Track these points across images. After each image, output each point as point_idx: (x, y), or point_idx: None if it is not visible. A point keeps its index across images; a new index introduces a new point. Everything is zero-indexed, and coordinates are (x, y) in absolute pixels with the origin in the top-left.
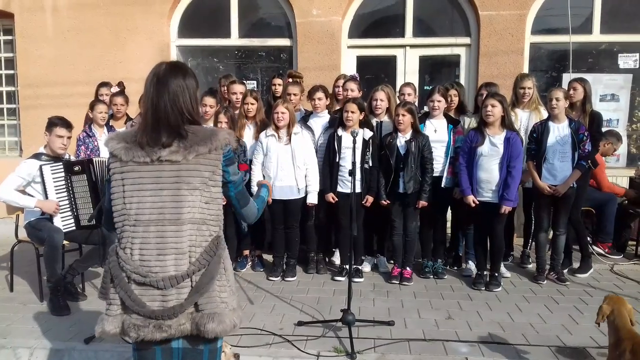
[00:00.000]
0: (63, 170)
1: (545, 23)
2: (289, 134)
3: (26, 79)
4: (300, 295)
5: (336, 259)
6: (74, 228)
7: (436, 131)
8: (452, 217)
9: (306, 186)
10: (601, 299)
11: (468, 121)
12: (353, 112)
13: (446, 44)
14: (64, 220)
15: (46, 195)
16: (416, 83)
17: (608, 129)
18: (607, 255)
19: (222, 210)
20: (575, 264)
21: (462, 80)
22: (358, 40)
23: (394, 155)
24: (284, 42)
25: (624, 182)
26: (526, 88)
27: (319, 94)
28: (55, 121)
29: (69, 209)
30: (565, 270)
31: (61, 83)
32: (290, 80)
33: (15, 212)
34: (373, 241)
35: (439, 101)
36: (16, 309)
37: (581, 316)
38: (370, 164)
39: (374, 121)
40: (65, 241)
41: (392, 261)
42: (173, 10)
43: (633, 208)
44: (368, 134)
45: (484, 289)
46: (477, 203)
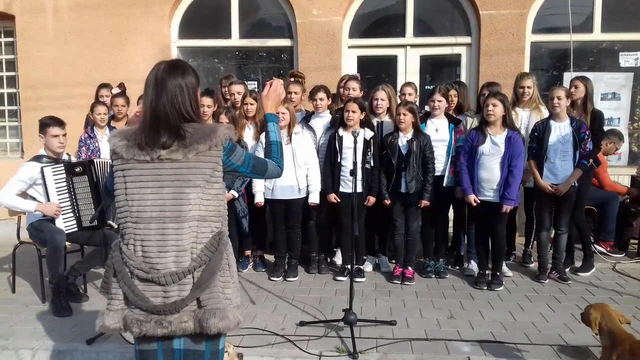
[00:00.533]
0: (64, 171)
1: (545, 22)
2: (290, 134)
3: (27, 81)
4: (302, 295)
5: (338, 259)
6: (76, 229)
7: (437, 130)
8: (454, 217)
9: (307, 186)
10: (603, 298)
11: (470, 121)
12: (354, 112)
13: (447, 43)
14: (66, 222)
15: (48, 196)
16: (417, 83)
17: (610, 127)
18: (609, 254)
19: (225, 206)
20: (577, 263)
21: (463, 79)
22: (359, 40)
23: (396, 154)
24: (285, 43)
25: (626, 181)
26: (526, 87)
27: (321, 94)
28: (47, 121)
29: (70, 210)
30: (567, 269)
31: (62, 84)
32: (292, 80)
33: (17, 214)
34: (375, 241)
35: (439, 101)
36: (18, 310)
37: None
38: (372, 164)
39: (375, 121)
40: (67, 242)
41: (394, 261)
42: (174, 11)
43: (635, 207)
44: (369, 134)
45: (485, 288)
46: (478, 202)
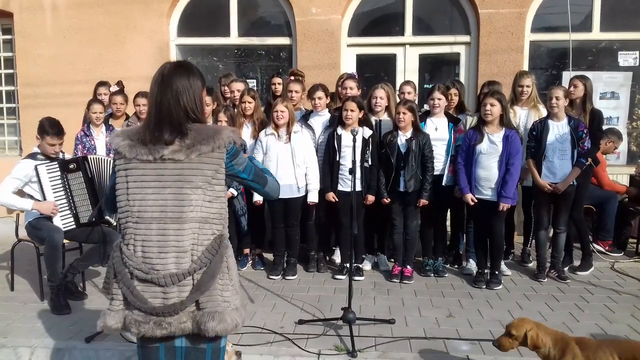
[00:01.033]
0: (59, 169)
1: (545, 21)
2: (289, 133)
3: (25, 78)
4: (300, 294)
5: (337, 258)
6: (74, 226)
7: (437, 129)
8: (453, 216)
9: (306, 185)
10: (602, 297)
11: (470, 120)
12: (352, 111)
13: (446, 42)
14: (64, 219)
15: (43, 194)
16: (416, 81)
17: (608, 126)
18: (608, 253)
19: (227, 209)
20: (576, 262)
21: (462, 78)
22: (358, 39)
23: (395, 153)
24: (284, 41)
25: (624, 180)
26: (524, 86)
27: (319, 93)
28: (47, 129)
29: (67, 208)
30: (565, 268)
31: (60, 82)
32: (292, 78)
33: (15, 212)
34: (373, 239)
35: (439, 99)
36: (17, 308)
37: (582, 314)
38: (370, 163)
39: (373, 119)
40: (65, 240)
41: (393, 259)
42: (172, 9)
43: (633, 206)
44: (368, 132)
45: (484, 287)
46: (476, 201)
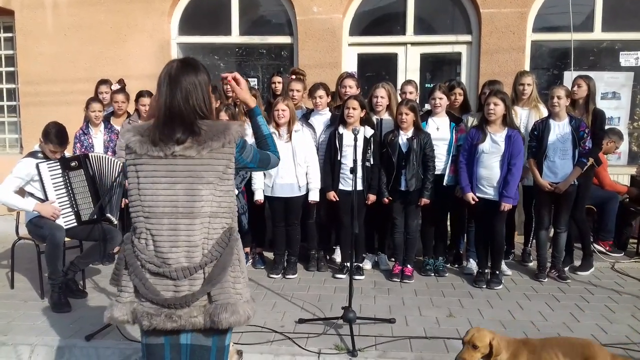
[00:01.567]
0: (60, 167)
1: (546, 21)
2: (290, 132)
3: (26, 76)
4: (301, 293)
5: (337, 257)
6: (75, 224)
7: (438, 129)
8: (454, 215)
9: (307, 184)
10: (602, 297)
11: (471, 119)
12: (354, 109)
13: (447, 41)
14: (65, 217)
15: (45, 192)
16: (417, 81)
17: (610, 127)
18: (608, 253)
19: (235, 202)
20: (577, 262)
21: (463, 78)
22: (359, 38)
23: (396, 152)
24: (285, 40)
25: (625, 180)
26: (525, 84)
27: (320, 92)
28: (52, 138)
29: (68, 205)
30: (566, 268)
31: (61, 80)
32: (294, 77)
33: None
34: (374, 239)
35: (440, 98)
36: (17, 306)
37: (582, 314)
38: (372, 162)
39: (375, 118)
40: (66, 238)
41: (393, 259)
42: (174, 8)
43: (634, 206)
44: (369, 131)
45: (485, 286)
46: (477, 200)
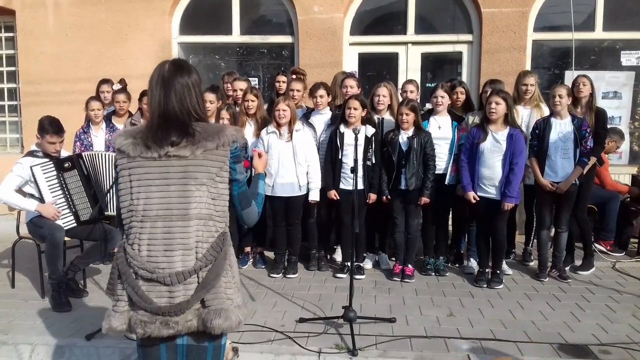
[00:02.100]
0: (54, 168)
1: (547, 20)
2: (290, 131)
3: (27, 76)
4: (301, 292)
5: (337, 256)
6: (75, 225)
7: (440, 128)
8: (454, 215)
9: (308, 183)
10: (603, 297)
11: (472, 118)
12: (355, 109)
13: (448, 41)
14: (64, 218)
15: (41, 195)
16: (418, 80)
17: (611, 126)
18: (609, 252)
19: (228, 207)
20: (578, 262)
21: (464, 77)
22: (360, 37)
23: (396, 151)
24: (286, 39)
25: (626, 180)
26: (528, 85)
27: (321, 91)
28: (47, 127)
29: (66, 207)
30: (567, 268)
31: (62, 80)
32: (294, 76)
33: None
34: (375, 238)
35: (442, 97)
36: (18, 306)
37: (583, 313)
38: (373, 161)
39: (376, 118)
40: (66, 237)
41: (394, 258)
42: (174, 7)
43: (635, 206)
44: (370, 130)
45: (485, 286)
46: (477, 199)
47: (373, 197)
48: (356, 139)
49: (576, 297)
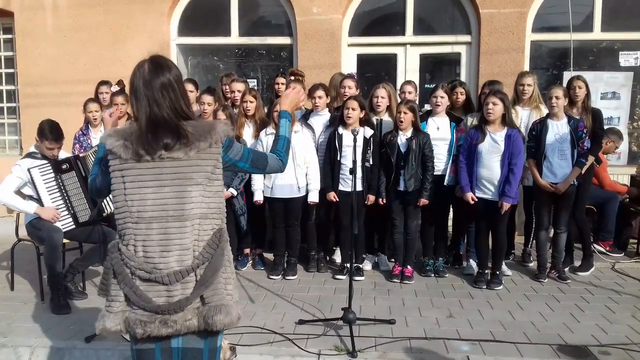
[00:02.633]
0: (52, 170)
1: (546, 21)
2: None
3: (26, 78)
4: (301, 294)
5: (337, 258)
6: (74, 227)
7: (439, 129)
8: (454, 216)
9: (307, 185)
10: (602, 297)
11: (471, 119)
12: (354, 110)
13: (447, 42)
14: (62, 220)
15: (39, 197)
16: (417, 81)
17: (609, 126)
18: (608, 253)
19: (225, 203)
20: (577, 262)
21: (463, 78)
22: (358, 39)
23: (395, 153)
24: (284, 41)
25: (625, 180)
26: (526, 85)
27: (319, 92)
28: (46, 133)
29: (65, 209)
30: (566, 269)
31: (61, 81)
32: (292, 78)
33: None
34: (374, 239)
35: (442, 97)
36: (17, 308)
37: (582, 314)
38: (371, 163)
39: (375, 119)
40: (65, 240)
41: (393, 259)
42: (173, 9)
43: (634, 206)
44: (369, 132)
45: (485, 287)
46: (476, 200)
47: (372, 199)
48: (355, 140)
49: (575, 298)
